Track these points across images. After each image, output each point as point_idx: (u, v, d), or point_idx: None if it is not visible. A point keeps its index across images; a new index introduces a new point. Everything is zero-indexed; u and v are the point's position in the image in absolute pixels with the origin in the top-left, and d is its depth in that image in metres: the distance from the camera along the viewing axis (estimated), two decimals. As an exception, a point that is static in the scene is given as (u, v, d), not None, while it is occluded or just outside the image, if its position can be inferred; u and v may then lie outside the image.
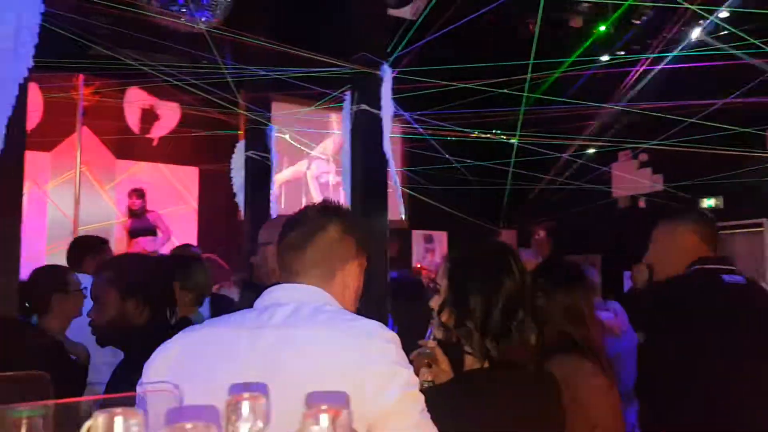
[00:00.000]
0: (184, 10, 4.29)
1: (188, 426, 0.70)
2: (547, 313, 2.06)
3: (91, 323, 2.37)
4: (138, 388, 1.37)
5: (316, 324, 1.37)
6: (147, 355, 1.42)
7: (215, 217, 8.62)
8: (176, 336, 1.43)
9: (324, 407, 0.79)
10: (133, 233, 7.65)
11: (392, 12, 5.49)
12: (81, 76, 6.41)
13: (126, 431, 0.74)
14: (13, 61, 2.91)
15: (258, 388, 0.86)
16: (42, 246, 7.37)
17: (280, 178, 8.33)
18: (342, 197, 7.91)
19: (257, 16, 5.07)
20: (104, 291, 2.29)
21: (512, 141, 5.16)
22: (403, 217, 4.61)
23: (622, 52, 8.24)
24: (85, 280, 2.89)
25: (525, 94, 4.44)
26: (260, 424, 0.83)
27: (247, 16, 4.85)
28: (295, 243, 1.50)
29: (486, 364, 1.66)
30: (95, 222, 7.56)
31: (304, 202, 10.03)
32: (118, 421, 0.74)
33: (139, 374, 1.38)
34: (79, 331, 2.75)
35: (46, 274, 3.13)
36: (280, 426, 0.91)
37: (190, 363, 1.36)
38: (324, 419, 0.79)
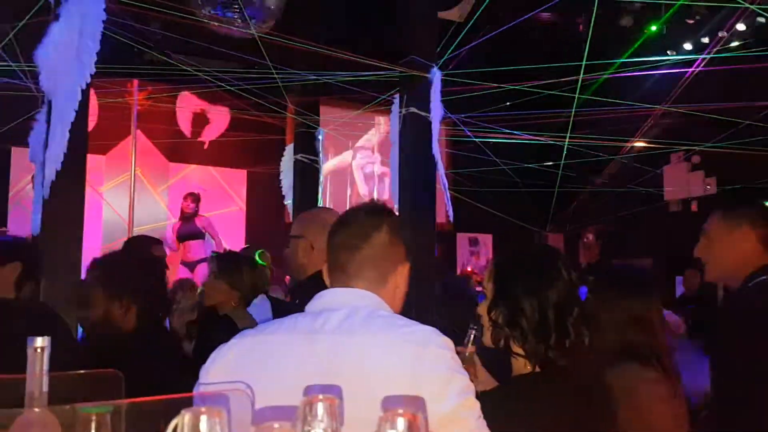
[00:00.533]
0: (236, 16, 4.36)
1: (276, 426, 0.71)
2: (611, 320, 2.01)
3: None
4: (196, 389, 1.40)
5: (371, 330, 1.36)
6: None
7: (262, 219, 8.75)
8: (232, 340, 1.44)
9: (401, 411, 0.80)
10: (181, 237, 7.82)
11: (439, 14, 5.47)
12: (135, 81, 6.59)
13: (210, 430, 0.76)
14: (77, 67, 3.02)
15: (331, 391, 0.86)
16: (97, 246, 7.59)
17: (324, 168, 8.44)
18: (387, 188, 7.90)
19: (307, 21, 5.13)
20: (90, 289, 2.29)
21: (562, 143, 5.10)
22: (452, 219, 4.59)
23: (674, 52, 8.05)
24: None
25: (576, 95, 4.38)
26: (335, 425, 0.84)
27: (297, 21, 4.91)
28: (349, 243, 1.49)
29: (536, 368, 1.64)
30: (148, 223, 7.77)
31: (348, 193, 10.09)
32: (203, 419, 0.76)
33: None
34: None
35: None
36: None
37: (246, 368, 1.37)
38: (401, 423, 0.79)
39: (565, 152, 5.00)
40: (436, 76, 4.16)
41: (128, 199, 7.23)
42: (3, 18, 4.23)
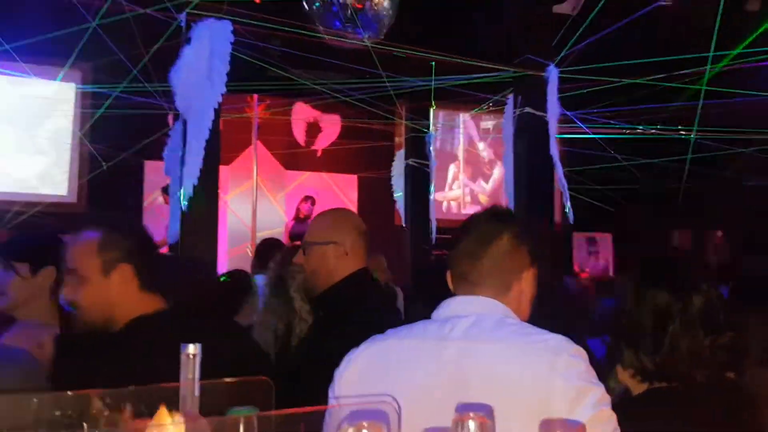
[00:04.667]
0: (349, 29, 4.48)
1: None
2: (759, 328, 1.89)
3: None
4: (333, 400, 1.42)
5: (500, 338, 1.35)
6: None
7: (374, 221, 8.90)
8: (362, 345, 1.47)
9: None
10: (293, 237, 8.10)
11: (553, 9, 5.33)
12: (255, 96, 6.91)
13: (372, 444, 0.79)
14: (209, 88, 3.23)
15: (482, 409, 0.88)
16: (224, 251, 8.03)
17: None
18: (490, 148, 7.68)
19: (418, 28, 5.18)
20: None
21: (688, 137, 4.81)
22: (572, 220, 4.47)
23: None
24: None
25: (703, 87, 4.12)
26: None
27: (408, 29, 4.97)
28: (471, 251, 1.48)
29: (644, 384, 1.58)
30: (268, 228, 8.13)
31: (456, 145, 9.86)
32: (366, 434, 0.80)
33: None
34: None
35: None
36: None
37: (377, 372, 1.39)
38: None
39: (692, 146, 4.71)
40: (553, 74, 4.07)
41: (250, 206, 7.60)
42: (138, 42, 4.55)
